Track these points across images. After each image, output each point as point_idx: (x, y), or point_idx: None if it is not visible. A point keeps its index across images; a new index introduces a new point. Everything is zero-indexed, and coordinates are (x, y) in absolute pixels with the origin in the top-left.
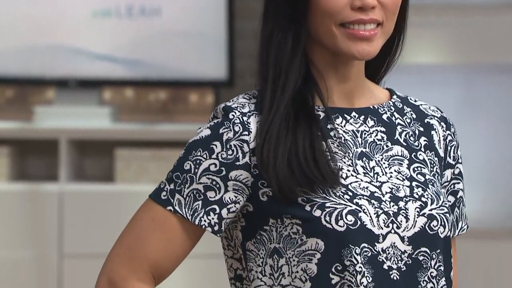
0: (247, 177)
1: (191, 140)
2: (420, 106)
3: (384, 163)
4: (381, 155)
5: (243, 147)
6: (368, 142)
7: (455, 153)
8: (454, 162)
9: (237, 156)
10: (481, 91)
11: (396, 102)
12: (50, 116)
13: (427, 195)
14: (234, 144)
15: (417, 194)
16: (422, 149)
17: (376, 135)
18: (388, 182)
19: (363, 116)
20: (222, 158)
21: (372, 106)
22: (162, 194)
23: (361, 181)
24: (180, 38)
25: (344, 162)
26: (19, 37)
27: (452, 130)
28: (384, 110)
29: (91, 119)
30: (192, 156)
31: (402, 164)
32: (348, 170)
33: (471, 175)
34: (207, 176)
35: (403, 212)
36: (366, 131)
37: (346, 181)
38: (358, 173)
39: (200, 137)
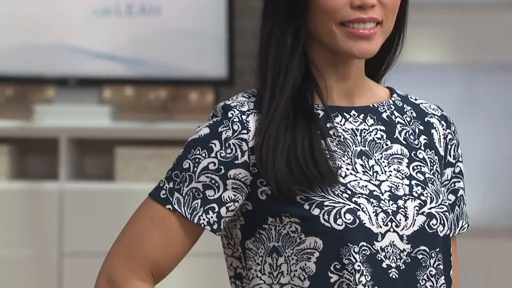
0: (246, 175)
1: (190, 138)
2: (421, 105)
3: (383, 162)
4: (380, 153)
5: (242, 145)
6: (368, 140)
7: (455, 151)
8: (455, 161)
9: (236, 154)
10: (480, 90)
11: (396, 101)
12: (50, 115)
13: (427, 193)
14: (233, 143)
15: (416, 193)
16: (422, 147)
17: (375, 134)
18: (387, 180)
19: (362, 115)
20: (221, 157)
21: (372, 105)
22: (161, 192)
23: (360, 179)
24: (180, 37)
25: (343, 161)
26: (19, 35)
27: (453, 128)
28: (384, 108)
29: (91, 117)
30: (191, 154)
31: (402, 162)
32: (347, 169)
33: (471, 174)
34: (206, 174)
35: (402, 211)
36: (366, 129)
37: (345, 179)
38: (357, 171)
39: (199, 135)
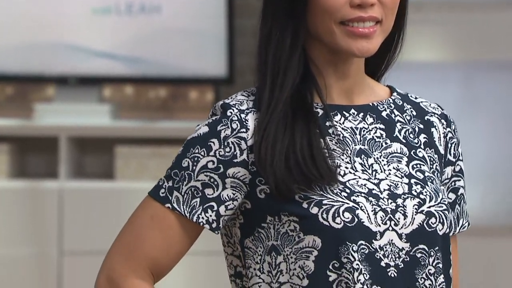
0: (245, 174)
1: (189, 137)
2: (421, 103)
3: (382, 160)
4: (379, 152)
5: (241, 144)
6: (367, 139)
7: (455, 150)
8: (455, 159)
9: (234, 153)
10: (480, 88)
11: (396, 99)
12: (50, 114)
13: (426, 192)
14: (232, 142)
15: (415, 191)
16: (421, 146)
17: (375, 132)
18: (386, 179)
19: (362, 113)
20: (220, 156)
21: (371, 103)
22: (161, 191)
23: (359, 178)
24: (180, 36)
25: (342, 159)
26: (19, 34)
27: (453, 127)
28: (384, 107)
29: (91, 116)
30: (190, 153)
31: (401, 161)
32: (346, 168)
33: (471, 172)
34: (205, 173)
35: (401, 209)
36: (365, 128)
37: (344, 178)
38: (356, 170)
39: (198, 134)
